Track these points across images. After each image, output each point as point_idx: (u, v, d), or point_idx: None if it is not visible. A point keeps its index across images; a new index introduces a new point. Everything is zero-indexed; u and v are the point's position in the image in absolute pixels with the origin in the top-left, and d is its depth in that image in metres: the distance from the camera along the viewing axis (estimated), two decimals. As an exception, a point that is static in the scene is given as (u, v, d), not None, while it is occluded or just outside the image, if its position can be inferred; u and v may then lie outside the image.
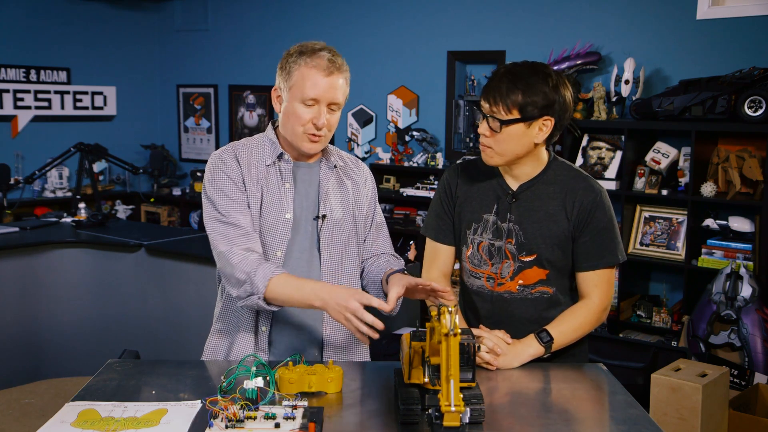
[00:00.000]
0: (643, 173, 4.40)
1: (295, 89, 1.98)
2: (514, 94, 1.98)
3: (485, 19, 5.31)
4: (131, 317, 4.39)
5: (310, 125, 1.99)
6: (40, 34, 6.54)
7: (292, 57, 2.00)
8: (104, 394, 1.76)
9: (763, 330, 3.72)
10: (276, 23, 6.46)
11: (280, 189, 2.04)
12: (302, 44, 2.03)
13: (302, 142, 2.02)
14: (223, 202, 2.00)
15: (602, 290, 2.10)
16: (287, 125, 2.02)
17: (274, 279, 1.91)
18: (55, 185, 6.50)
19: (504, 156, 2.06)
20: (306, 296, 1.88)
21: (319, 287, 1.89)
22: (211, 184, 2.03)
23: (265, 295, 1.92)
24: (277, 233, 2.03)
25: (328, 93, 1.98)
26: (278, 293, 1.91)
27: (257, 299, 1.93)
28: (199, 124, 7.17)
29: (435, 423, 1.40)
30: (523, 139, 2.03)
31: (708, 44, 4.40)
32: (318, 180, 2.10)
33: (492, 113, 2.01)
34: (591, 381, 1.97)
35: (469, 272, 2.19)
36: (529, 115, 1.99)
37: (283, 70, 2.02)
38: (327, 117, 1.99)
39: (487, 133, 2.04)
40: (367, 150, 6.03)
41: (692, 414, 3.20)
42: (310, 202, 2.08)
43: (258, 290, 1.91)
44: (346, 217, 2.11)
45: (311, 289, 1.89)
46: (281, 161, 2.06)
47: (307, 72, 1.97)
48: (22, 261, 4.35)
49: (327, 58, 1.98)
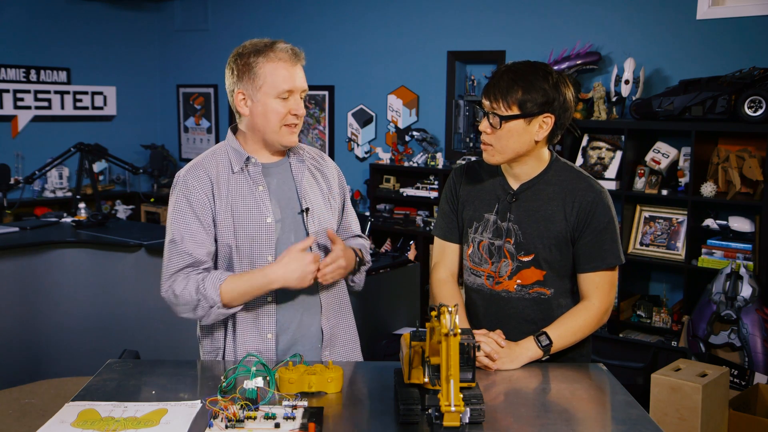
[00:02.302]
0: (643, 173, 4.40)
1: (267, 87, 1.97)
2: (513, 90, 1.99)
3: (485, 19, 5.31)
4: (131, 317, 4.39)
5: (288, 116, 2.00)
6: (40, 34, 6.55)
7: (250, 58, 1.98)
8: (104, 394, 1.76)
9: (763, 330, 3.72)
10: (276, 23, 6.45)
11: (254, 194, 2.03)
12: (247, 45, 2.02)
13: (283, 136, 2.02)
14: (179, 228, 2.00)
15: (603, 292, 2.09)
16: (263, 124, 2.01)
17: (224, 284, 1.94)
18: (55, 185, 6.50)
19: (504, 154, 2.06)
20: (261, 284, 1.95)
21: (269, 270, 1.94)
22: (174, 207, 2.03)
23: (222, 301, 1.95)
24: (263, 240, 2.02)
25: (300, 81, 2.01)
26: (233, 296, 1.95)
27: (218, 309, 1.96)
28: (199, 124, 7.17)
29: (435, 423, 1.40)
30: (523, 136, 2.03)
31: (708, 44, 4.40)
32: (291, 176, 2.10)
33: (492, 110, 2.02)
34: (591, 381, 1.97)
35: (470, 270, 2.20)
36: (529, 111, 2.00)
37: (242, 73, 1.99)
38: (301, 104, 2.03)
39: (488, 131, 2.04)
40: (367, 150, 6.03)
41: (692, 414, 3.20)
42: (288, 199, 2.07)
43: (214, 301, 1.94)
44: (325, 208, 2.13)
45: (262, 275, 1.94)
46: (249, 166, 2.05)
47: (275, 67, 1.97)
48: (22, 261, 4.35)
49: (287, 49, 2.00)
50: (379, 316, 4.03)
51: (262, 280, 1.95)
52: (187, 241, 2.00)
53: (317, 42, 6.08)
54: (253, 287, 1.96)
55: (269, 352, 2.05)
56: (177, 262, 2.00)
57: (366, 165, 5.93)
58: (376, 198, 5.73)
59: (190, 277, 1.98)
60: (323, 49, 6.08)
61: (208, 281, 1.95)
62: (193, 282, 1.96)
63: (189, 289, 1.96)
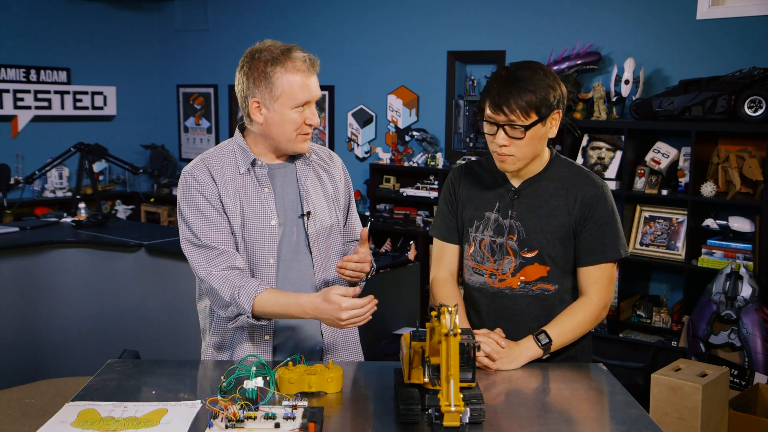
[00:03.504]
0: (643, 173, 4.40)
1: (284, 98, 1.95)
2: (527, 97, 1.98)
3: (485, 19, 5.31)
4: (131, 317, 4.38)
5: (303, 126, 1.99)
6: (40, 34, 6.54)
7: (267, 66, 1.94)
8: (104, 394, 1.76)
9: (763, 330, 3.72)
10: (276, 23, 6.45)
11: (259, 196, 2.02)
12: (262, 50, 1.97)
13: (297, 144, 2.01)
14: (198, 222, 1.99)
15: (602, 286, 2.10)
16: (278, 133, 1.99)
17: (258, 297, 1.93)
18: (55, 185, 6.50)
19: (525, 159, 2.07)
20: (293, 312, 1.92)
21: (305, 303, 1.90)
22: (185, 203, 2.01)
23: (253, 312, 1.94)
24: (266, 242, 2.02)
25: (316, 91, 2.00)
26: (265, 311, 1.94)
27: (246, 318, 1.95)
28: (199, 124, 7.17)
29: (435, 423, 1.40)
30: (542, 138, 2.06)
31: (708, 44, 4.40)
32: (296, 178, 2.09)
33: (510, 122, 2.00)
34: (591, 381, 1.97)
35: (472, 269, 2.20)
36: (545, 113, 2.01)
37: (259, 81, 1.95)
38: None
39: (507, 143, 2.02)
40: (367, 150, 6.03)
41: (692, 414, 3.20)
42: (291, 201, 2.07)
43: (245, 310, 1.93)
44: (328, 211, 2.12)
45: (296, 305, 1.91)
46: (255, 167, 2.04)
47: (294, 78, 1.94)
48: (22, 261, 4.35)
49: (305, 59, 1.97)
50: (379, 316, 4.02)
51: (297, 310, 1.91)
52: (210, 233, 1.98)
53: (317, 42, 6.08)
54: (286, 313, 1.94)
55: (267, 355, 2.05)
56: (205, 254, 1.98)
57: (366, 165, 5.93)
58: (376, 198, 5.73)
59: (229, 279, 1.95)
60: (323, 48, 6.08)
61: (243, 291, 1.93)
62: (229, 287, 1.94)
63: (225, 291, 1.95)
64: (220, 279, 1.95)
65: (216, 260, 1.97)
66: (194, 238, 1.99)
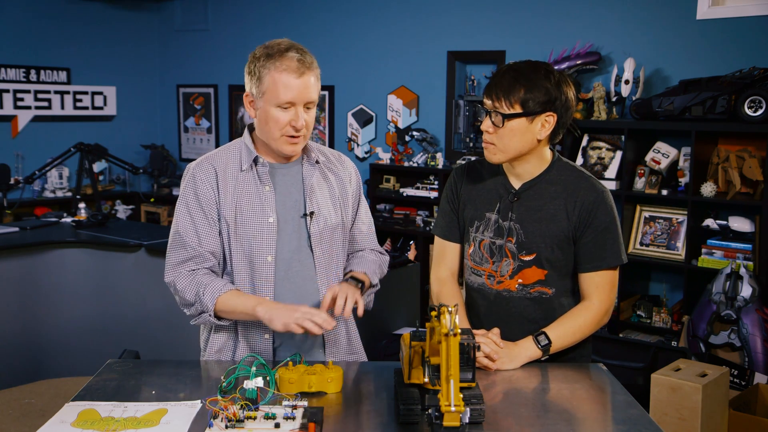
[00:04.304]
0: (643, 173, 4.40)
1: (269, 95, 1.95)
2: (516, 88, 2.00)
3: (485, 19, 5.31)
4: (131, 317, 4.39)
5: (288, 128, 1.97)
6: (40, 34, 6.54)
7: (260, 61, 1.96)
8: (104, 394, 1.76)
9: (763, 330, 3.72)
10: (276, 23, 6.45)
11: (259, 193, 2.03)
12: (267, 45, 1.99)
13: (282, 145, 2.01)
14: (183, 220, 2.04)
15: (604, 292, 2.09)
16: (265, 130, 2.01)
17: (222, 296, 1.97)
18: (55, 185, 6.50)
19: (507, 152, 2.06)
20: (249, 313, 1.94)
21: (265, 301, 1.95)
22: (180, 199, 2.08)
23: (215, 311, 1.98)
24: (263, 239, 2.02)
25: (303, 94, 1.96)
26: (225, 310, 1.98)
27: (208, 316, 1.99)
28: (199, 124, 7.17)
29: (435, 423, 1.40)
30: (525, 134, 2.03)
31: (708, 44, 4.40)
32: (301, 178, 2.09)
33: (495, 108, 2.02)
34: (591, 381, 1.97)
35: (471, 270, 2.20)
36: (531, 110, 2.00)
37: (252, 75, 1.98)
38: (304, 117, 1.98)
39: (490, 129, 2.04)
40: (367, 150, 6.03)
41: (692, 414, 3.20)
42: (294, 201, 2.07)
43: (207, 308, 1.98)
44: (333, 212, 2.11)
45: (251, 307, 1.94)
46: (257, 165, 2.05)
47: (279, 76, 1.94)
48: (22, 261, 4.35)
49: (296, 58, 1.95)
50: (379, 316, 4.03)
51: (250, 311, 1.94)
52: (191, 234, 2.02)
53: (317, 42, 6.08)
54: (243, 313, 1.97)
55: (267, 355, 2.06)
56: (180, 253, 2.04)
57: (366, 165, 5.93)
58: (376, 198, 5.73)
59: (195, 277, 2.00)
60: (323, 48, 6.08)
61: (208, 290, 1.97)
62: (195, 285, 1.99)
63: (190, 290, 2.00)
64: (184, 280, 2.01)
65: (188, 262, 2.02)
66: (179, 232, 2.05)
